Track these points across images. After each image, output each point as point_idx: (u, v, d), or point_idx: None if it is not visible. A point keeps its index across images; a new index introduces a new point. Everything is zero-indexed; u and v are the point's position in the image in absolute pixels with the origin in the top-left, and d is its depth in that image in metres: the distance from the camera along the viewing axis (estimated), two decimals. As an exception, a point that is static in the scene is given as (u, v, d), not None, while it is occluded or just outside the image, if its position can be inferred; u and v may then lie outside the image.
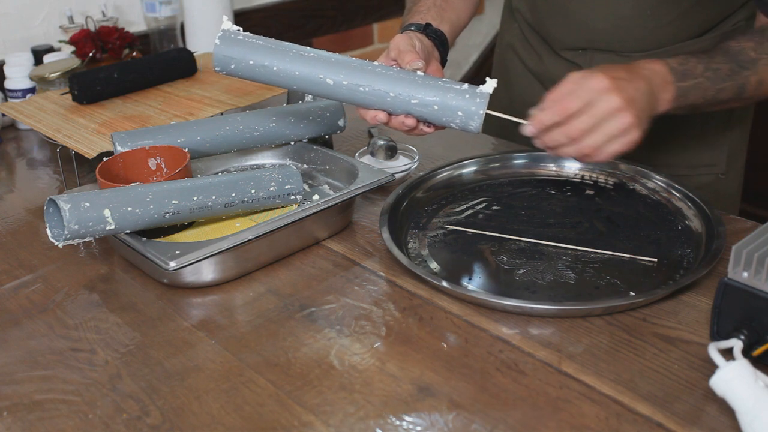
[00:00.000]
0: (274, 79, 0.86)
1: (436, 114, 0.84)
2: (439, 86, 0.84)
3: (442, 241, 0.97)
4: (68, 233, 0.83)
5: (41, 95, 1.32)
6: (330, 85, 0.85)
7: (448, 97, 0.83)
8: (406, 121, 0.86)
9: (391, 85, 0.84)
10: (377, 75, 0.85)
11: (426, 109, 0.84)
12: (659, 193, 1.03)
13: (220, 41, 0.85)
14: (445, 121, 0.85)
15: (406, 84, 0.84)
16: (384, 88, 0.84)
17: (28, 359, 0.80)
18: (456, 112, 0.84)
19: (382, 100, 0.85)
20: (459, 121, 0.84)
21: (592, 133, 0.83)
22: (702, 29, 1.10)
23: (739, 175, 1.23)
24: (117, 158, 0.99)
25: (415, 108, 0.84)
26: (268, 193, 0.96)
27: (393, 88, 0.84)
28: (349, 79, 0.84)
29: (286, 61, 0.85)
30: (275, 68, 0.85)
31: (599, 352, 0.77)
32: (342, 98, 0.86)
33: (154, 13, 1.58)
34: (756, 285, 0.71)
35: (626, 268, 0.90)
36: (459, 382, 0.74)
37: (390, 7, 2.27)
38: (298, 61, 0.85)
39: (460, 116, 0.84)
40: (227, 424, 0.70)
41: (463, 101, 0.83)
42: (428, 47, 0.94)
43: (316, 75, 0.85)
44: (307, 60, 0.84)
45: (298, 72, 0.85)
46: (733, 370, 0.66)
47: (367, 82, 0.84)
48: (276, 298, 0.88)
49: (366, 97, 0.85)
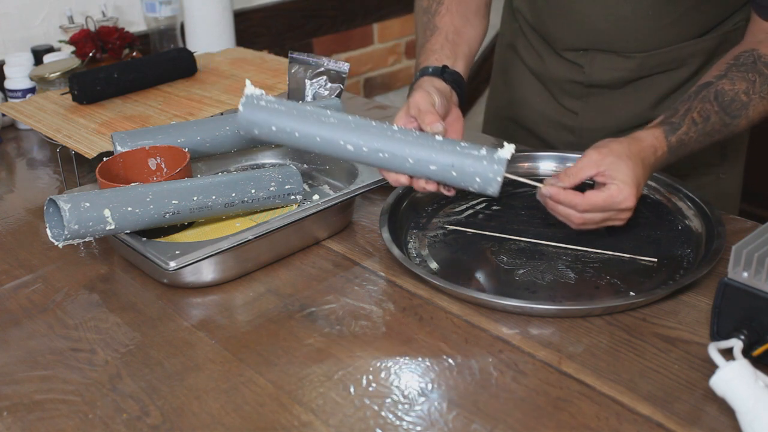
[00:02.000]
0: (296, 143, 0.87)
1: (454, 179, 0.85)
2: (457, 152, 0.84)
3: (442, 241, 0.97)
4: (68, 233, 0.83)
5: (41, 95, 1.32)
6: (351, 151, 0.86)
7: (466, 164, 0.84)
8: (426, 186, 0.88)
9: (411, 151, 0.85)
10: (397, 140, 0.85)
11: (444, 175, 0.85)
12: (659, 193, 1.03)
13: (243, 107, 0.86)
14: (463, 186, 0.86)
15: (425, 149, 0.85)
16: (403, 153, 0.85)
17: (28, 359, 0.80)
18: (474, 178, 0.84)
19: (402, 165, 0.86)
20: (477, 186, 0.85)
21: (598, 222, 0.88)
22: (703, 29, 1.10)
23: (739, 175, 1.23)
24: (117, 158, 0.99)
25: (434, 173, 0.85)
26: (268, 193, 0.96)
27: (412, 153, 0.85)
28: (369, 144, 0.85)
29: (308, 127, 0.86)
30: (297, 134, 0.86)
31: (599, 352, 0.77)
32: (363, 162, 0.88)
33: (154, 13, 1.58)
34: (756, 285, 0.71)
35: (626, 268, 0.90)
36: (459, 382, 0.74)
37: (390, 7, 2.27)
38: (319, 127, 0.86)
39: (478, 182, 0.85)
40: (227, 424, 0.70)
41: (481, 167, 0.84)
42: (446, 94, 0.94)
43: (337, 141, 0.86)
44: (328, 126, 0.86)
45: (319, 138, 0.86)
46: (733, 370, 0.66)
47: (387, 148, 0.85)
48: (276, 298, 0.88)
49: (386, 161, 0.86)
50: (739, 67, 0.94)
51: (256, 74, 1.38)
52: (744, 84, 0.92)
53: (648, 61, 1.12)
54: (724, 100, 0.92)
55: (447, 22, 1.04)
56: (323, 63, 1.17)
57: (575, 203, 0.86)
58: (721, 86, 0.92)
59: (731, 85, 0.92)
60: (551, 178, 0.88)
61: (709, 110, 0.92)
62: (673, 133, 0.90)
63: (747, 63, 0.94)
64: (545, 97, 1.24)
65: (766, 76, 0.93)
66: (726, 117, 0.92)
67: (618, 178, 0.85)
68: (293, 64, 1.19)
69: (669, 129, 0.91)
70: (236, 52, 1.53)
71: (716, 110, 0.92)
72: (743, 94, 0.92)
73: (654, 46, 1.11)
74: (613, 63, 1.13)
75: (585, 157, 0.88)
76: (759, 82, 0.93)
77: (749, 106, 0.93)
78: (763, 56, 0.94)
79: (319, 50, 2.12)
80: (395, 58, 2.38)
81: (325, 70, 1.17)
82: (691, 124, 0.91)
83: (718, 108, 0.92)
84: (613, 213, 0.87)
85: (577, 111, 1.21)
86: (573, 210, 0.87)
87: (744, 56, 0.95)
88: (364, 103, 1.52)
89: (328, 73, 1.17)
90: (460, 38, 1.03)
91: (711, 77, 0.94)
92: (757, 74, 0.93)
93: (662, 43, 1.10)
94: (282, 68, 1.40)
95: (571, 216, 0.88)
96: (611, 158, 0.86)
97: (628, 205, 0.86)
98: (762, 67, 0.93)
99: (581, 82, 1.18)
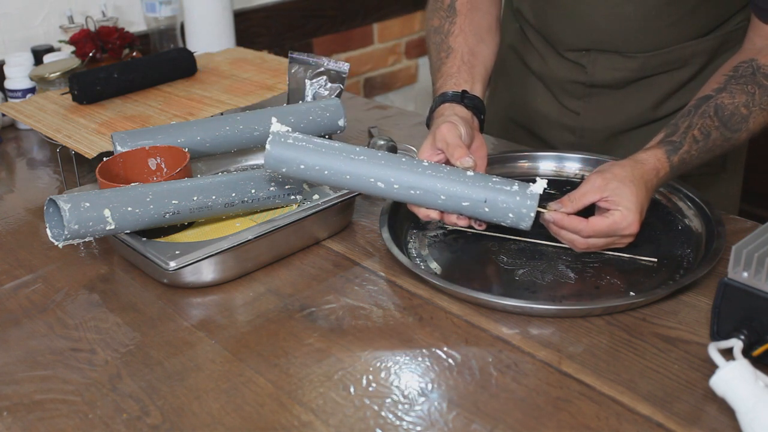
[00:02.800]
0: (325, 181, 0.87)
1: (487, 214, 0.85)
2: (489, 187, 0.85)
3: (442, 241, 0.97)
4: (68, 233, 0.83)
5: (41, 95, 1.32)
6: (381, 188, 0.86)
7: (499, 200, 0.84)
8: (458, 222, 0.88)
9: (443, 187, 0.85)
10: (428, 177, 0.85)
11: (477, 210, 0.85)
12: (659, 193, 1.03)
13: (270, 146, 0.85)
14: (495, 221, 0.86)
15: (457, 185, 0.85)
16: (436, 190, 0.85)
17: (28, 359, 0.80)
18: (507, 213, 0.85)
19: (435, 201, 0.85)
20: (509, 221, 0.86)
21: (601, 246, 0.89)
22: (705, 29, 1.10)
23: (739, 175, 1.23)
24: (117, 158, 0.99)
25: (467, 209, 0.85)
26: (268, 193, 0.96)
27: (444, 189, 0.85)
28: (401, 181, 0.85)
29: (337, 165, 0.85)
30: (326, 172, 0.86)
31: (599, 352, 0.77)
32: (394, 198, 0.88)
33: (154, 13, 1.58)
34: (756, 285, 0.71)
35: (626, 268, 0.90)
36: (459, 382, 0.74)
37: (390, 7, 2.27)
38: (349, 164, 0.85)
39: (511, 217, 0.85)
40: (227, 424, 0.70)
41: (514, 203, 0.84)
42: (469, 121, 0.94)
43: (367, 178, 0.85)
44: (357, 163, 0.85)
45: (349, 176, 0.86)
46: (733, 370, 0.66)
47: (419, 184, 0.85)
48: (276, 298, 0.88)
49: (418, 198, 0.86)
50: (738, 79, 0.93)
51: (256, 74, 1.38)
52: (744, 97, 0.92)
53: (650, 61, 1.12)
54: (725, 115, 0.91)
55: (461, 42, 1.04)
56: (323, 63, 1.17)
57: (579, 229, 0.86)
58: (720, 100, 0.92)
59: (731, 99, 0.92)
60: (554, 203, 0.88)
61: (709, 126, 0.91)
62: (675, 153, 0.90)
63: (746, 75, 0.93)
64: (547, 98, 1.24)
65: (765, 87, 0.93)
66: (727, 132, 0.92)
67: (622, 204, 0.85)
68: (293, 64, 1.19)
69: (671, 149, 0.90)
70: (236, 52, 1.53)
71: (717, 125, 0.91)
72: (743, 108, 0.92)
73: (656, 46, 1.11)
74: (615, 63, 1.13)
75: (588, 183, 0.87)
76: (759, 93, 0.92)
77: (749, 119, 0.92)
78: (762, 67, 0.93)
79: (319, 50, 2.12)
80: (395, 58, 2.38)
81: (325, 70, 1.17)
82: (692, 142, 0.91)
83: (719, 123, 0.91)
84: (616, 238, 0.87)
85: (578, 111, 1.21)
86: (577, 235, 0.87)
87: (743, 67, 0.94)
88: (364, 103, 1.52)
89: (328, 73, 1.17)
90: (475, 59, 1.03)
91: (710, 90, 0.94)
92: (757, 86, 0.93)
93: (664, 43, 1.10)
94: (282, 68, 1.40)
95: (575, 241, 0.88)
96: (615, 183, 0.86)
97: (632, 231, 0.86)
98: (761, 79, 0.93)
99: (583, 82, 1.18)
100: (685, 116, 0.93)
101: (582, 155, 1.10)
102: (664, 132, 0.92)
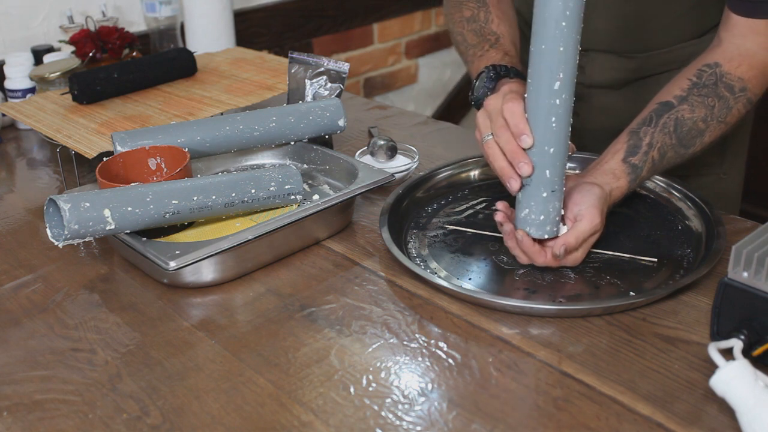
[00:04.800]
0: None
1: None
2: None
3: (442, 241, 0.97)
4: (68, 233, 0.83)
5: (41, 95, 1.32)
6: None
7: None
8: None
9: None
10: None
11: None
12: (659, 193, 1.03)
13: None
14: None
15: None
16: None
17: (28, 359, 0.80)
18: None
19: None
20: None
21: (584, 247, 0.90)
22: (702, 29, 1.10)
23: (740, 175, 1.23)
24: (117, 158, 0.99)
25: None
26: (268, 193, 0.96)
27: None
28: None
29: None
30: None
31: (599, 352, 0.77)
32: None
33: (154, 13, 1.58)
34: (756, 285, 0.71)
35: (626, 268, 0.90)
36: (459, 382, 0.74)
37: (390, 6, 2.27)
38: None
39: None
40: (227, 424, 0.70)
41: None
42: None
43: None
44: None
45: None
46: (733, 370, 0.66)
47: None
48: (276, 298, 0.88)
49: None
50: (701, 89, 0.93)
51: (256, 74, 1.38)
52: (703, 111, 0.93)
53: (648, 62, 1.12)
54: (682, 131, 0.93)
55: (504, 30, 1.07)
56: (323, 63, 1.17)
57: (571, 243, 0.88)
58: (681, 113, 0.93)
59: (691, 113, 0.93)
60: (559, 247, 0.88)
61: (667, 145, 0.92)
62: (635, 181, 0.93)
63: (708, 84, 0.93)
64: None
65: (725, 99, 0.93)
66: (681, 149, 0.93)
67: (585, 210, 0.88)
68: (293, 64, 1.19)
69: (633, 178, 0.92)
70: (236, 52, 1.53)
71: (673, 143, 0.93)
72: (701, 122, 0.93)
73: (654, 47, 1.11)
74: (613, 64, 1.14)
75: (588, 221, 0.88)
76: (718, 107, 0.93)
77: (706, 133, 0.93)
78: (725, 75, 0.93)
79: (319, 50, 2.12)
80: (395, 58, 2.38)
81: (325, 70, 1.17)
82: (650, 164, 0.93)
83: (676, 141, 0.93)
84: (588, 243, 0.89)
85: (577, 112, 1.21)
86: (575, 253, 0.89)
87: (706, 74, 0.94)
88: (364, 103, 1.52)
89: (328, 73, 1.17)
90: (515, 48, 1.06)
91: (672, 96, 0.94)
92: (717, 98, 0.93)
93: (662, 44, 1.11)
94: (282, 68, 1.40)
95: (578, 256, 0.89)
96: (589, 213, 0.88)
97: (598, 230, 0.88)
98: (722, 89, 0.93)
99: (581, 82, 1.18)
100: (647, 125, 0.93)
101: (581, 155, 1.10)
102: (626, 143, 0.93)
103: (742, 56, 0.94)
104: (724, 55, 0.95)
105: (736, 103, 0.93)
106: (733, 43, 0.95)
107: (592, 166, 0.94)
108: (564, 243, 0.86)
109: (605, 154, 0.94)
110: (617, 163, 0.92)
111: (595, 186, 0.89)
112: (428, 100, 2.56)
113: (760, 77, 0.94)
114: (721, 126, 0.94)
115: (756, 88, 0.94)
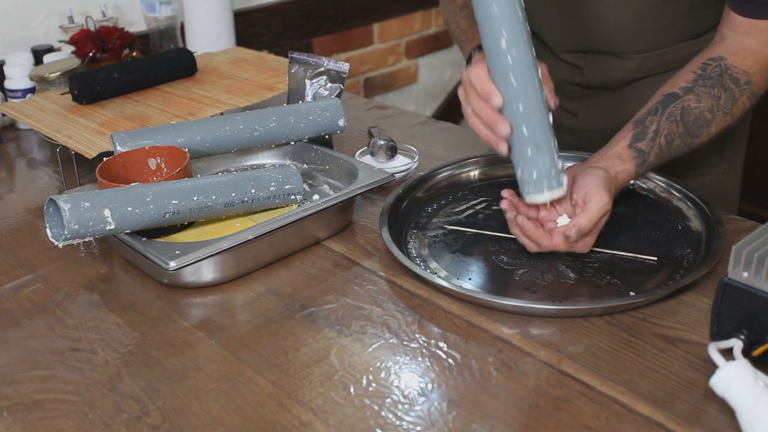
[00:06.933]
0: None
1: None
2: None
3: (442, 241, 0.97)
4: (68, 233, 0.83)
5: (41, 95, 1.32)
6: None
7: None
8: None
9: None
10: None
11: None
12: (659, 193, 1.03)
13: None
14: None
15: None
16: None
17: (28, 359, 0.80)
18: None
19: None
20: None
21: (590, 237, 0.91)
22: (701, 30, 1.10)
23: (739, 175, 1.23)
24: (117, 158, 0.99)
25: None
26: (268, 193, 0.96)
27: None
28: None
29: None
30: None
31: (599, 352, 0.77)
32: None
33: (154, 13, 1.58)
34: (756, 285, 0.71)
35: (626, 268, 0.90)
36: (459, 382, 0.74)
37: (390, 6, 2.27)
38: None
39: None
40: (227, 424, 0.70)
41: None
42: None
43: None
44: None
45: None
46: (733, 370, 0.66)
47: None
48: (276, 298, 0.88)
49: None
50: (707, 80, 0.94)
51: (256, 74, 1.38)
52: (709, 101, 0.93)
53: (646, 63, 1.12)
54: (689, 120, 0.93)
55: None
56: (323, 63, 1.17)
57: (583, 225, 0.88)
58: (687, 103, 0.93)
59: (697, 102, 0.93)
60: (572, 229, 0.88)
61: (674, 133, 0.93)
62: (642, 166, 0.93)
63: (713, 76, 0.94)
64: (544, 99, 1.24)
65: (731, 90, 0.93)
66: (688, 138, 0.94)
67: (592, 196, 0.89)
68: (293, 64, 1.19)
69: (640, 162, 0.92)
70: (236, 52, 1.53)
71: (680, 132, 0.93)
72: (707, 112, 0.93)
73: (652, 48, 1.11)
74: (612, 64, 1.14)
75: (596, 202, 0.88)
76: (724, 97, 0.93)
77: (712, 124, 0.94)
78: (730, 68, 0.94)
79: (319, 50, 2.12)
80: (395, 58, 2.38)
81: (325, 70, 1.17)
82: (657, 151, 0.93)
83: (683, 129, 0.93)
84: (599, 226, 0.90)
85: (575, 112, 1.21)
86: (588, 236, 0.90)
87: (711, 67, 0.95)
88: (364, 103, 1.52)
89: (328, 73, 1.17)
90: None
91: (677, 88, 0.94)
92: (723, 89, 0.93)
93: (660, 45, 1.11)
94: (282, 68, 1.40)
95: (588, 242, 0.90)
96: (596, 198, 0.89)
97: (607, 209, 0.88)
98: (728, 81, 0.94)
99: (580, 83, 1.18)
100: (653, 114, 0.94)
101: (580, 155, 1.10)
102: (632, 131, 0.93)
103: (746, 51, 0.94)
104: (728, 50, 0.95)
105: (742, 95, 0.94)
106: (736, 39, 0.96)
107: (597, 153, 0.94)
108: (576, 224, 0.86)
109: (610, 142, 0.95)
110: (623, 148, 0.93)
111: (598, 169, 0.90)
112: (428, 100, 2.56)
113: (764, 72, 0.95)
114: (727, 118, 0.94)
115: (760, 83, 0.95)
